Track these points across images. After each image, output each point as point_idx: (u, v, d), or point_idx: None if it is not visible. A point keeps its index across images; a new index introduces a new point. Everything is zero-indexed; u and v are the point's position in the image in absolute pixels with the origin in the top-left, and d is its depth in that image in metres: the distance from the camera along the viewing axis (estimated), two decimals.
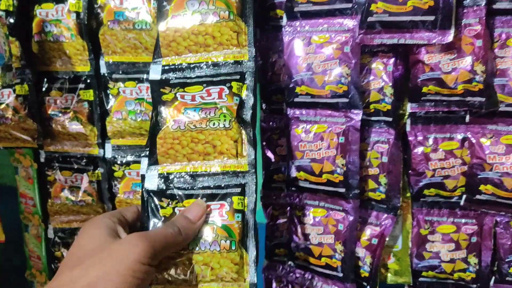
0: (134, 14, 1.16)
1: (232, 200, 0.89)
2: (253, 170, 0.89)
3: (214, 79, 0.94)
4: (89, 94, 1.24)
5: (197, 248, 0.87)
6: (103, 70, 1.22)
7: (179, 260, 0.88)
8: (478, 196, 0.98)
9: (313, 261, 1.07)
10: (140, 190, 0.96)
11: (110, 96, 1.23)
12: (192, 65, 0.95)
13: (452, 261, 1.05)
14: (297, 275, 1.11)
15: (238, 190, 0.89)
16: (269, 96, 1.13)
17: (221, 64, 0.94)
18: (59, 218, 1.34)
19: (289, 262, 1.12)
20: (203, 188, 0.90)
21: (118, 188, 1.28)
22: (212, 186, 0.90)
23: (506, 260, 1.00)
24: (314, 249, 1.07)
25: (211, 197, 0.89)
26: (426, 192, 1.04)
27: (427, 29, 0.89)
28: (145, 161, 0.98)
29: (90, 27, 1.20)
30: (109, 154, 1.26)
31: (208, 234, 0.88)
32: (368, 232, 1.07)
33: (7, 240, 1.42)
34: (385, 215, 1.05)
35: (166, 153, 0.92)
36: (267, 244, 1.18)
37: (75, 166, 1.29)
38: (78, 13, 1.19)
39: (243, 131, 0.90)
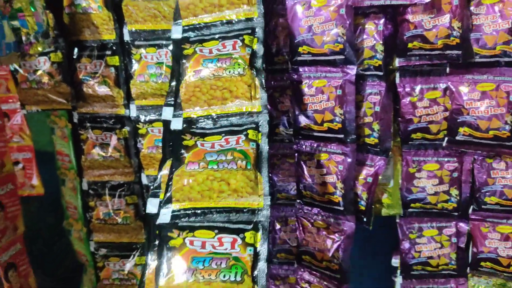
0: None
1: (247, 132, 1.00)
2: (266, 111, 1.01)
3: (229, 34, 1.07)
4: (115, 60, 1.40)
5: (216, 167, 0.96)
6: (127, 37, 1.37)
7: (199, 177, 0.96)
8: (457, 137, 1.14)
9: (318, 198, 1.24)
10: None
11: (133, 61, 1.38)
12: (208, 24, 1.09)
13: (436, 193, 1.22)
14: (305, 211, 1.28)
15: (253, 126, 1.01)
16: (271, 58, 1.27)
17: (234, 21, 1.07)
18: (92, 172, 1.51)
19: (298, 200, 1.29)
20: (222, 127, 1.02)
21: (143, 144, 1.44)
22: (229, 124, 1.02)
23: (482, 191, 1.17)
24: (319, 187, 1.24)
25: (230, 133, 1.00)
26: (413, 136, 1.20)
27: None
28: (167, 109, 1.10)
29: None
30: (133, 113, 1.42)
31: (226, 157, 0.97)
32: (364, 172, 1.23)
33: (46, 196, 1.61)
34: (378, 157, 1.21)
35: (189, 100, 1.05)
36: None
37: (105, 125, 1.46)
38: None
39: (256, 77, 1.03)
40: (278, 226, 1.34)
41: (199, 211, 0.95)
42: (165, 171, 1.06)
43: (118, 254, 1.56)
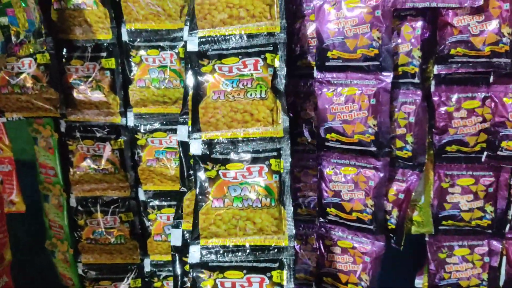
0: None
1: (270, 162, 0.98)
2: (288, 136, 0.98)
3: (249, 50, 1.00)
4: (111, 63, 1.24)
5: (241, 205, 0.96)
6: (125, 37, 1.22)
7: (225, 216, 0.97)
8: (499, 152, 1.06)
9: (344, 216, 1.14)
10: (163, 157, 1.16)
11: (133, 64, 1.24)
12: (227, 37, 1.01)
13: (470, 210, 1.13)
14: (328, 229, 1.18)
15: (275, 153, 0.98)
16: (294, 61, 1.16)
17: (255, 36, 1.00)
18: (82, 187, 1.35)
19: (320, 219, 1.18)
20: (243, 152, 0.99)
21: (141, 156, 1.30)
22: (251, 150, 0.99)
23: None
24: (345, 204, 1.13)
25: (252, 160, 0.98)
26: (448, 148, 1.11)
27: None
28: (182, 128, 1.06)
29: None
30: (131, 122, 1.28)
31: (251, 193, 0.97)
32: (395, 187, 1.14)
33: (26, 211, 1.43)
34: (411, 171, 1.12)
35: (208, 122, 1.00)
36: None
37: (97, 135, 1.30)
38: None
39: (278, 100, 0.99)
40: (297, 245, 1.23)
41: (226, 249, 0.98)
42: (187, 202, 1.09)
43: (110, 277, 1.42)
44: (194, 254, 0.97)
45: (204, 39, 1.01)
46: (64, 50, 1.23)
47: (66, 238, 1.42)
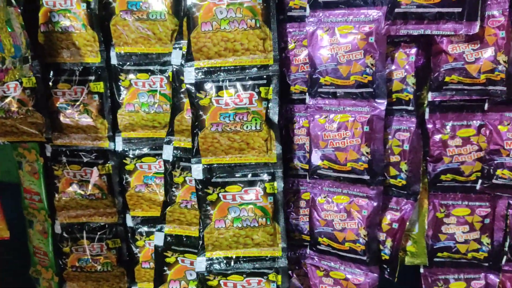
0: (148, 4, 1.14)
1: (265, 186, 1.06)
2: (281, 161, 1.06)
3: (243, 82, 1.05)
4: (100, 86, 1.22)
5: (240, 225, 1.08)
6: (114, 61, 1.20)
7: (226, 234, 1.08)
8: (494, 181, 1.03)
9: (336, 246, 1.10)
10: (152, 183, 1.23)
11: (122, 88, 1.21)
12: (222, 69, 1.05)
13: (466, 242, 1.10)
14: (319, 258, 1.14)
15: (270, 177, 1.06)
16: (286, 87, 1.14)
17: (248, 67, 1.05)
18: (67, 213, 1.31)
19: (309, 251, 1.15)
20: (241, 176, 1.07)
21: (129, 182, 1.27)
22: (246, 174, 1.06)
23: None
24: (338, 234, 1.10)
25: (248, 184, 1.07)
26: (443, 177, 1.08)
27: (454, 20, 0.92)
28: (167, 147, 1.17)
29: (100, 17, 1.17)
30: (120, 147, 1.25)
31: (248, 214, 1.07)
32: (388, 217, 1.10)
33: (10, 238, 1.39)
34: (405, 200, 1.09)
35: (207, 149, 1.06)
36: None
37: (84, 160, 1.27)
38: (88, 3, 1.16)
39: (271, 131, 1.06)
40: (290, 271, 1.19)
41: (229, 260, 1.11)
42: (169, 213, 1.20)
43: None
44: (201, 264, 1.10)
45: (200, 71, 1.05)
46: (51, 73, 1.20)
47: (51, 266, 1.37)
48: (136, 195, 1.27)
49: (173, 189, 1.19)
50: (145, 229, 1.30)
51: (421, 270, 1.15)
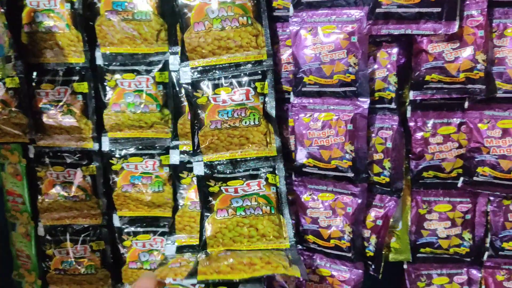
0: (133, 4, 1.14)
1: (267, 177, 1.06)
2: (281, 155, 1.05)
3: (239, 79, 1.05)
4: (83, 87, 1.21)
5: (244, 213, 1.05)
6: (99, 61, 1.20)
7: (229, 224, 1.06)
8: (475, 178, 1.06)
9: (322, 243, 1.12)
10: (139, 183, 1.22)
11: (108, 88, 1.21)
12: (217, 67, 1.06)
13: (448, 237, 1.12)
14: (305, 257, 1.15)
15: (271, 170, 1.07)
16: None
17: (243, 64, 1.05)
18: (50, 215, 1.30)
19: (298, 246, 1.15)
20: (242, 170, 1.06)
21: (116, 182, 1.26)
22: (248, 168, 1.07)
23: (499, 235, 1.09)
24: (323, 231, 1.11)
25: (250, 177, 1.06)
26: (425, 174, 1.10)
27: (434, 20, 0.95)
28: (173, 153, 1.17)
29: (84, 17, 1.17)
30: (106, 147, 1.24)
31: (251, 203, 1.05)
32: (372, 214, 1.12)
33: None
34: (389, 197, 1.11)
35: (208, 147, 1.07)
36: None
37: (68, 161, 1.26)
38: (72, 3, 1.15)
39: (270, 125, 1.06)
40: None
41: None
42: (178, 218, 1.19)
43: None
44: None
45: (195, 70, 1.06)
46: (35, 73, 1.20)
47: (34, 269, 1.36)
48: (123, 195, 1.26)
49: (181, 191, 1.19)
50: (132, 229, 1.29)
51: (405, 266, 1.17)
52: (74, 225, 1.30)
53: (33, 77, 1.20)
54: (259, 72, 1.05)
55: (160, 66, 1.18)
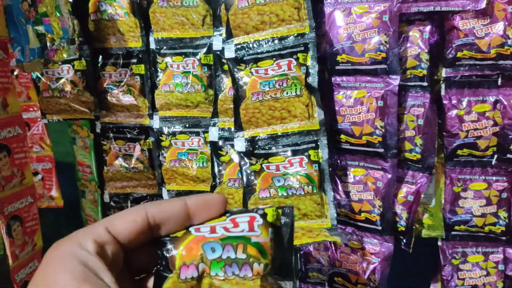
0: None
1: (309, 153, 1.04)
2: (324, 128, 1.03)
3: (282, 52, 1.07)
4: (141, 68, 1.34)
5: (286, 194, 1.04)
6: (152, 46, 1.32)
7: (270, 202, 1.05)
8: (509, 155, 1.05)
9: (353, 216, 1.16)
10: (185, 158, 1.29)
11: (159, 70, 1.33)
12: (261, 42, 1.08)
13: (483, 215, 1.12)
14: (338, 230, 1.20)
15: (313, 145, 1.05)
16: None
17: (286, 38, 1.06)
18: (114, 184, 1.45)
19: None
20: (284, 146, 1.06)
21: (165, 157, 1.38)
22: (290, 144, 1.05)
23: None
24: (355, 205, 1.16)
25: (292, 153, 1.05)
26: (459, 152, 1.11)
27: None
28: (212, 129, 1.21)
29: (141, 5, 1.30)
30: (157, 125, 1.37)
31: (293, 182, 1.04)
32: (404, 190, 1.15)
33: (63, 207, 1.56)
34: (420, 174, 1.13)
35: (249, 121, 1.08)
36: None
37: (128, 136, 1.40)
38: None
39: (312, 96, 1.05)
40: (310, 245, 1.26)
41: None
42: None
43: None
44: None
45: (240, 46, 1.09)
46: (100, 57, 1.35)
47: None
48: (170, 169, 1.38)
49: (220, 168, 1.23)
50: None
51: (439, 243, 1.18)
52: (134, 194, 1.45)
53: (98, 60, 1.35)
54: (302, 44, 1.05)
55: (205, 49, 1.27)
